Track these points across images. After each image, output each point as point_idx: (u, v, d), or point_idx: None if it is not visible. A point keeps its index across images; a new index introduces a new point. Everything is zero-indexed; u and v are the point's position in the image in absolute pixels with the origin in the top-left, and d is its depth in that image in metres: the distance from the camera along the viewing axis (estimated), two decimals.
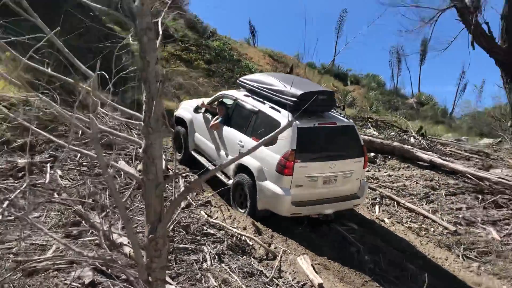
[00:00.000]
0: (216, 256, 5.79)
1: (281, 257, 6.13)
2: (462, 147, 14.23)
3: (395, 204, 9.34)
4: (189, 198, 7.59)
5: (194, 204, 7.46)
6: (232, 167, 7.81)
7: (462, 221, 8.85)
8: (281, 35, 56.94)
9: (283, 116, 7.14)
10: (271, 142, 7.11)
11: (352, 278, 6.08)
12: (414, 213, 9.02)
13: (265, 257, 6.17)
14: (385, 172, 11.11)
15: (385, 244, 7.37)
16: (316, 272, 5.82)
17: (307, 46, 36.45)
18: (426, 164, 11.65)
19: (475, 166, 11.99)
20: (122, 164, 8.04)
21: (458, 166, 11.22)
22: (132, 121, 3.77)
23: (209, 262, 5.62)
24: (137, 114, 3.32)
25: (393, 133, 14.72)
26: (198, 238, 6.23)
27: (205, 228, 6.60)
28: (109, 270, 4.73)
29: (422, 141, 13.70)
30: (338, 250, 6.89)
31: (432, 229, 8.40)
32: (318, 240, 7.02)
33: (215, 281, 5.20)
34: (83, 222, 5.66)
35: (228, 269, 5.51)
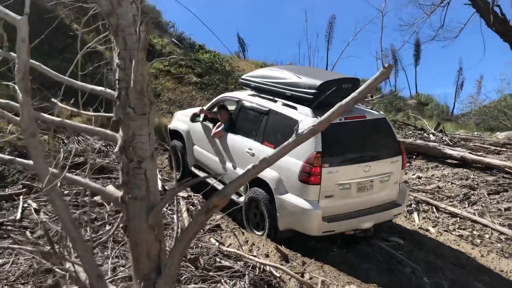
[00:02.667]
0: None
1: None
2: (486, 141, 12.91)
3: (434, 210, 7.97)
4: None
5: (201, 230, 6.09)
6: None
7: None
8: (271, 47, 56.00)
9: (300, 113, 5.82)
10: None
11: None
12: (459, 218, 7.63)
13: None
14: (413, 174, 9.75)
15: (440, 260, 5.96)
16: None
17: (301, 56, 35.59)
18: (456, 161, 10.32)
19: (510, 159, 10.67)
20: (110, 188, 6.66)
21: (495, 160, 9.89)
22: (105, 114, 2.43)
23: None
24: (107, 90, 1.97)
25: (410, 132, 13.39)
26: (211, 273, 4.83)
27: (217, 259, 5.20)
28: None
29: (444, 138, 12.36)
30: (388, 273, 5.45)
31: (487, 236, 7.00)
32: (360, 262, 5.59)
33: None
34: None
35: None
